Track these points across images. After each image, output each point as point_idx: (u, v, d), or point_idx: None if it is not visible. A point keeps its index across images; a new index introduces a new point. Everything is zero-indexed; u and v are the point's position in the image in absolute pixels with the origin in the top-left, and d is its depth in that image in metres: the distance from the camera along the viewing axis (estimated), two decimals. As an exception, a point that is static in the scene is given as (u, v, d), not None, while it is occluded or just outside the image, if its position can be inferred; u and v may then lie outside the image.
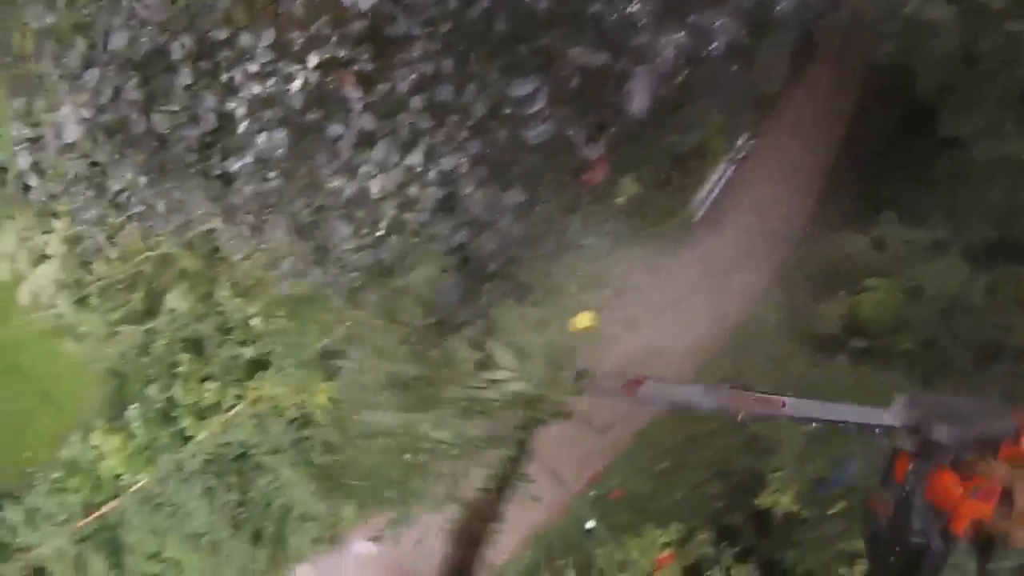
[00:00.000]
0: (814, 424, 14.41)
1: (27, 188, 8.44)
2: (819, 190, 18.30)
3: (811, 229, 18.06)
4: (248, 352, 17.69)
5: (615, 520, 17.96)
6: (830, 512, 15.56)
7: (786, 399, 10.97)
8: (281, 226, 8.56)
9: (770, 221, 18.00)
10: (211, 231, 11.41)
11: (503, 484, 5.84)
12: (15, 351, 19.74)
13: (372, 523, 18.35)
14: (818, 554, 15.77)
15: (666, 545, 16.47)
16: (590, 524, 18.08)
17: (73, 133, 7.98)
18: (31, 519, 19.22)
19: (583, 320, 17.09)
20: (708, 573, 16.21)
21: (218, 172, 8.23)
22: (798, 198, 18.21)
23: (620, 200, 12.92)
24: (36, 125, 8.16)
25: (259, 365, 17.80)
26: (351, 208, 7.79)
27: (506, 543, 18.49)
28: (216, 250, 16.29)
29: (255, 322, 17.53)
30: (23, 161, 8.19)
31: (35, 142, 8.21)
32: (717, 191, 17.58)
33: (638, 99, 5.88)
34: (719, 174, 17.34)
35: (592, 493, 18.26)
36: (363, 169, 7.52)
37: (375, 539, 7.61)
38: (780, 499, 16.35)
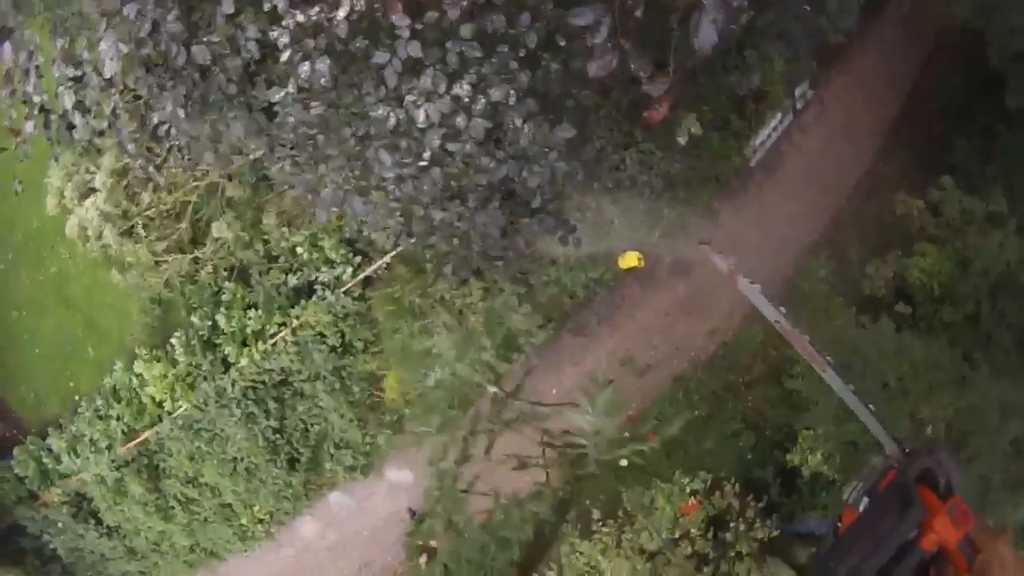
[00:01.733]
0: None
1: (71, 127, 8.25)
2: (878, 147, 17.68)
3: (866, 186, 17.49)
4: (292, 280, 17.59)
5: (647, 463, 17.84)
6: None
7: (831, 365, 10.93)
8: (323, 156, 8.28)
9: (826, 173, 17.42)
10: (258, 160, 11.19)
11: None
12: (62, 283, 19.97)
13: (406, 453, 18.41)
14: (842, 519, 15.50)
15: (693, 493, 16.29)
16: (623, 462, 17.94)
17: (112, 68, 7.82)
18: (74, 446, 19.56)
19: (629, 259, 16.80)
20: (731, 525, 16.02)
21: (261, 103, 8.00)
22: (855, 153, 17.58)
23: (681, 140, 12.36)
24: (78, 64, 8.00)
25: (303, 293, 17.68)
26: (395, 138, 7.45)
27: (537, 476, 18.43)
28: (263, 179, 16.08)
29: (300, 250, 17.39)
30: (67, 100, 8.07)
31: (78, 81, 8.05)
32: (775, 138, 16.97)
33: (705, 35, 5.38)
34: (777, 121, 16.68)
35: (626, 434, 18.08)
36: (409, 98, 7.16)
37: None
38: (809, 458, 16.04)
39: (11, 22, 7.90)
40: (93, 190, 16.47)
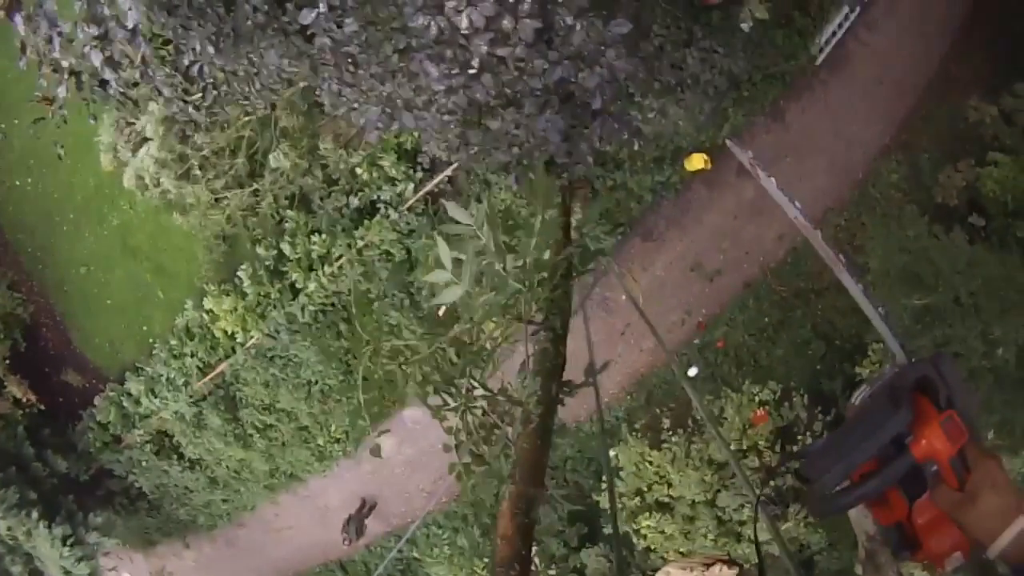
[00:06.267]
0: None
1: (104, 83, 7.83)
2: (949, 45, 16.05)
3: (937, 88, 16.02)
4: (354, 201, 17.08)
5: (717, 370, 17.25)
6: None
7: (853, 280, 10.22)
8: (367, 73, 7.60)
9: (895, 73, 15.97)
10: (307, 87, 10.61)
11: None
12: (126, 233, 19.75)
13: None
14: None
15: (762, 404, 15.68)
16: (693, 371, 17.44)
17: (134, 18, 7.37)
18: (152, 387, 19.75)
19: (696, 161, 15.88)
20: (799, 439, 15.39)
21: (296, 27, 7.34)
22: (926, 52, 16.03)
23: (745, 26, 11.35)
24: (100, 22, 7.48)
25: (366, 213, 17.20)
26: (439, 48, 6.71)
27: (607, 385, 18.04)
28: (315, 105, 15.49)
29: (360, 171, 16.76)
30: (95, 58, 7.57)
31: (103, 39, 7.53)
32: (840, 34, 15.54)
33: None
34: (842, 17, 15.29)
35: (697, 341, 17.52)
36: (449, 4, 6.38)
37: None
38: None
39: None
40: (146, 139, 15.99)
